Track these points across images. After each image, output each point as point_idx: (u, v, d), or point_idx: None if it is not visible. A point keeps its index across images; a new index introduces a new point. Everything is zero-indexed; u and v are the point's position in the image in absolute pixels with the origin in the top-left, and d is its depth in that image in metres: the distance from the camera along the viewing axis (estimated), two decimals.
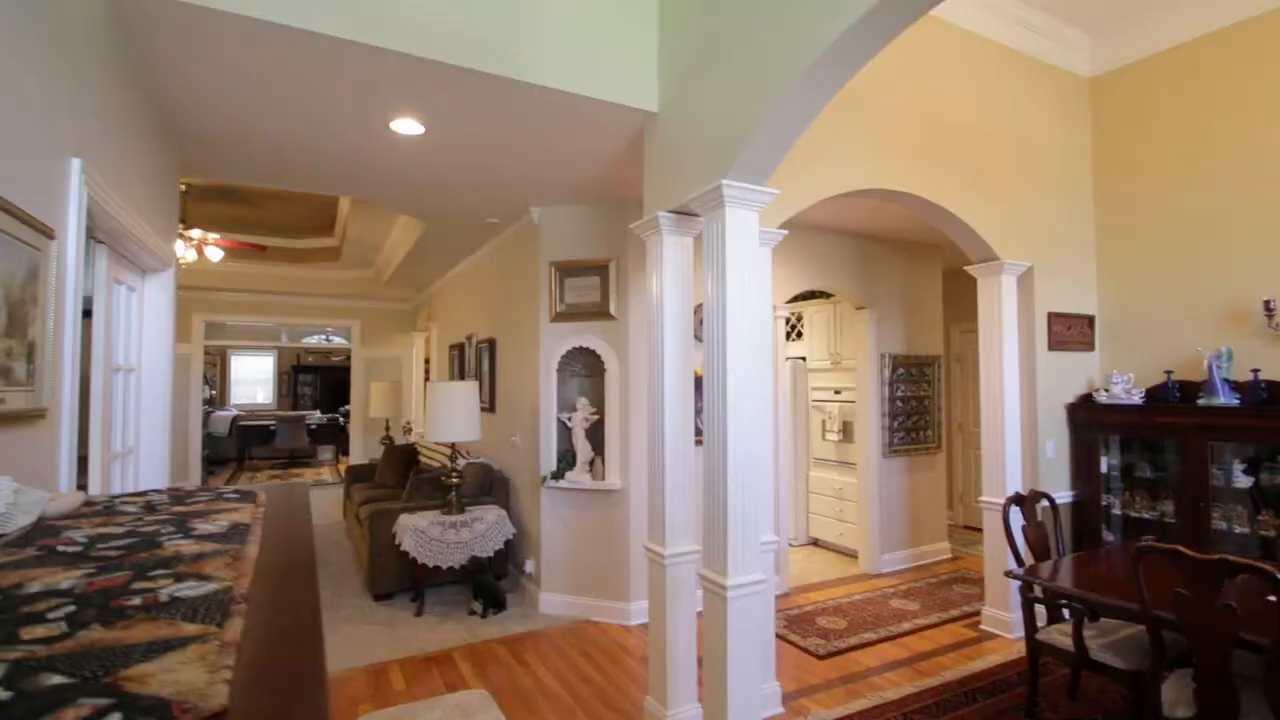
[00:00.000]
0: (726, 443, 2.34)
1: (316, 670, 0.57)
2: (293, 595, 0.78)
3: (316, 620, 0.69)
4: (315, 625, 0.67)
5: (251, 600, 0.70)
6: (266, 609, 0.70)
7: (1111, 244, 4.35)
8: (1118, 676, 2.52)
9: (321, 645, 0.65)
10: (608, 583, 4.20)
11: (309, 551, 0.98)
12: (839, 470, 5.85)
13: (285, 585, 0.82)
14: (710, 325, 2.46)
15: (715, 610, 2.35)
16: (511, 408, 5.17)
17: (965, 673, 3.36)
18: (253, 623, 0.64)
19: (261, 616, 0.66)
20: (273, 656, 0.59)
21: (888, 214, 4.72)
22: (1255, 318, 3.65)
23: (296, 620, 0.70)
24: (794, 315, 6.53)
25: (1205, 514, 3.58)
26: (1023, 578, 2.68)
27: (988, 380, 4.01)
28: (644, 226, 2.90)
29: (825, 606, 4.40)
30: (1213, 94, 3.88)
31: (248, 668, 0.56)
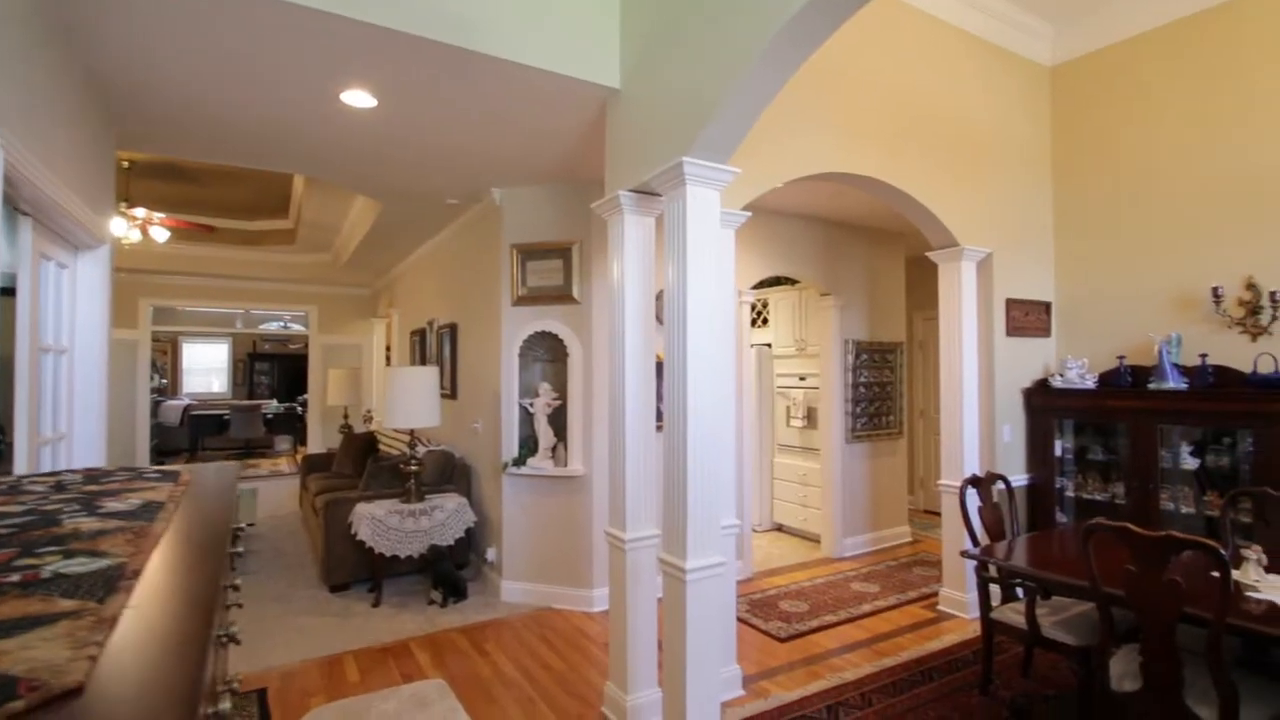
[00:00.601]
0: (686, 426, 2.30)
1: (197, 644, 0.51)
2: (192, 571, 0.71)
3: (212, 594, 0.63)
4: (209, 599, 0.61)
5: (145, 576, 0.63)
6: (161, 585, 0.63)
7: (1069, 232, 4.44)
8: (1068, 653, 2.57)
9: (210, 618, 0.58)
10: (571, 569, 4.16)
11: (223, 528, 0.91)
12: (803, 456, 5.89)
13: (187, 561, 0.75)
14: (671, 307, 2.42)
15: (674, 593, 2.32)
16: (473, 394, 5.07)
17: (923, 652, 3.41)
18: (141, 599, 0.58)
19: (152, 592, 0.59)
20: (155, 631, 0.53)
21: (852, 200, 4.74)
22: (1204, 304, 3.76)
23: (189, 596, 0.63)
24: (759, 302, 6.53)
25: (1154, 495, 3.69)
26: (977, 557, 2.72)
27: (947, 365, 4.06)
28: (605, 206, 2.83)
29: (788, 590, 4.42)
30: (1167, 85, 3.97)
31: (122, 644, 0.50)
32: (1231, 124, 3.70)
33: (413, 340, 7.38)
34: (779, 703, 2.86)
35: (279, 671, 3.29)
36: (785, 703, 2.86)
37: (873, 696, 2.91)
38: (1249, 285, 3.61)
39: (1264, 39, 3.58)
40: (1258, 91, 3.60)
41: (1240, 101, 3.67)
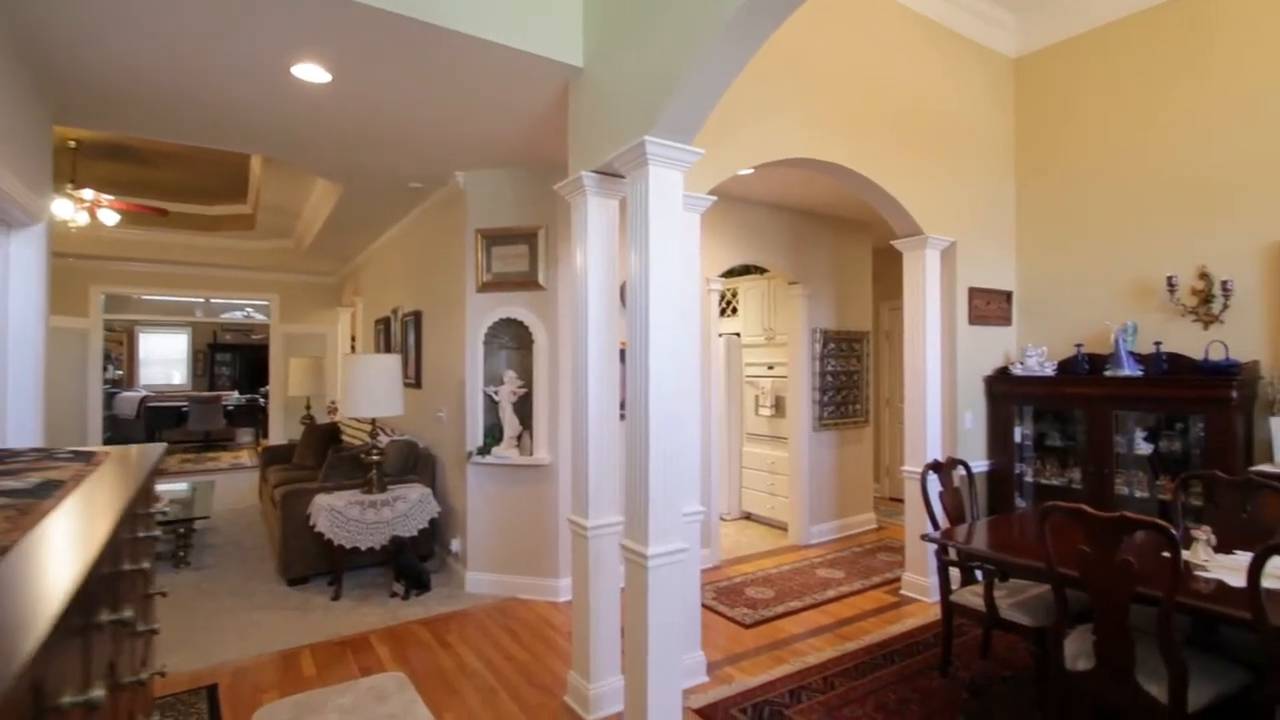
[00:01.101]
0: (648, 412, 2.26)
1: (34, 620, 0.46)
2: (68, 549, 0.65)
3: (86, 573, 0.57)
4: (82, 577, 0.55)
5: (9, 558, 0.57)
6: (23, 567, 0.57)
7: (1030, 222, 4.51)
8: (1025, 634, 2.61)
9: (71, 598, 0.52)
10: (536, 559, 4.11)
11: (123, 507, 0.84)
12: (771, 445, 5.91)
13: (69, 539, 0.68)
14: (633, 290, 2.37)
15: (636, 580, 2.29)
16: (438, 382, 4.97)
17: (885, 636, 3.44)
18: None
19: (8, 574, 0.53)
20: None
21: (820, 188, 4.74)
22: (1159, 293, 3.84)
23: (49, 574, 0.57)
24: (728, 291, 6.53)
25: (1109, 480, 3.77)
26: (937, 540, 2.74)
27: (911, 353, 4.09)
28: (568, 187, 2.77)
29: (754, 577, 4.44)
30: (1125, 78, 4.03)
31: None
32: (1187, 117, 3.78)
33: (377, 329, 7.22)
34: (742, 688, 2.86)
35: (231, 667, 3.19)
36: (748, 688, 2.86)
37: (834, 680, 2.93)
38: (1201, 275, 3.70)
39: (1218, 33, 3.65)
40: (1212, 86, 3.68)
41: (1195, 95, 3.75)
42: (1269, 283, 3.48)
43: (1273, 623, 1.68)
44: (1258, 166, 3.52)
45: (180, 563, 4.81)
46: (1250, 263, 3.54)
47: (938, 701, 2.75)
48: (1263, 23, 3.49)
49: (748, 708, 2.70)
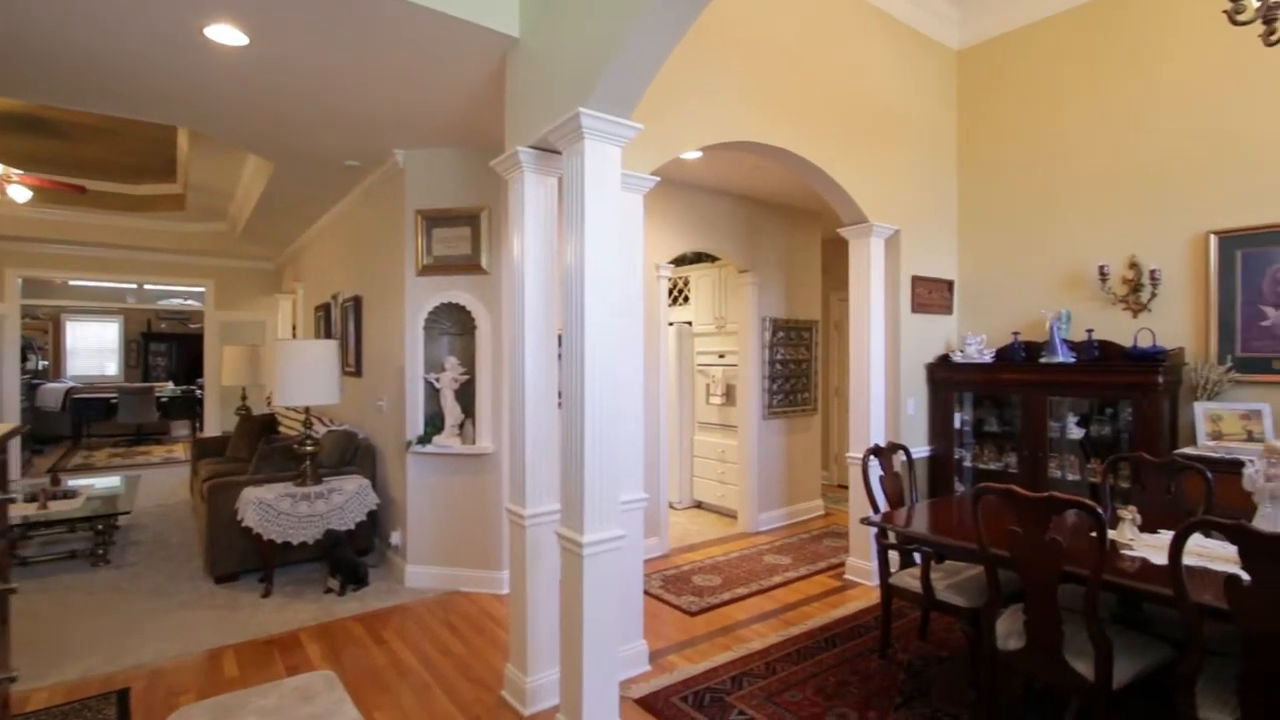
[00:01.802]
0: (584, 398, 2.18)
1: None
2: None
3: None
4: None
5: None
6: None
7: (971, 212, 4.58)
8: (961, 614, 2.64)
9: None
10: (480, 551, 3.99)
11: None
12: (722, 433, 5.91)
13: None
14: (568, 271, 2.28)
15: (572, 569, 2.22)
16: (379, 370, 4.78)
17: (828, 620, 3.46)
18: None
19: None
20: None
21: (769, 176, 4.72)
22: (1092, 283, 3.95)
23: None
24: (680, 279, 6.49)
25: (1043, 463, 3.87)
26: (876, 523, 2.75)
27: (857, 340, 4.12)
28: (505, 164, 2.66)
29: (702, 565, 4.42)
30: (1061, 73, 4.12)
31: None
32: (1121, 111, 3.88)
33: (317, 315, 6.94)
34: (684, 675, 2.83)
35: (147, 670, 3.00)
36: (690, 675, 2.83)
37: (777, 665, 2.92)
38: (1131, 264, 3.82)
39: (1151, 29, 3.75)
40: (1145, 81, 3.78)
41: (1129, 90, 3.85)
42: (1193, 273, 3.61)
43: (1192, 599, 1.71)
44: (1186, 161, 3.64)
45: (99, 561, 4.53)
46: (1177, 253, 3.67)
47: (876, 683, 2.76)
48: (1191, 19, 3.59)
49: (689, 695, 2.67)
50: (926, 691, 2.69)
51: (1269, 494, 1.96)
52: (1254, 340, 3.42)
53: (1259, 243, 3.39)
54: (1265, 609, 1.55)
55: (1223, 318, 3.50)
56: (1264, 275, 3.38)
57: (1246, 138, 3.42)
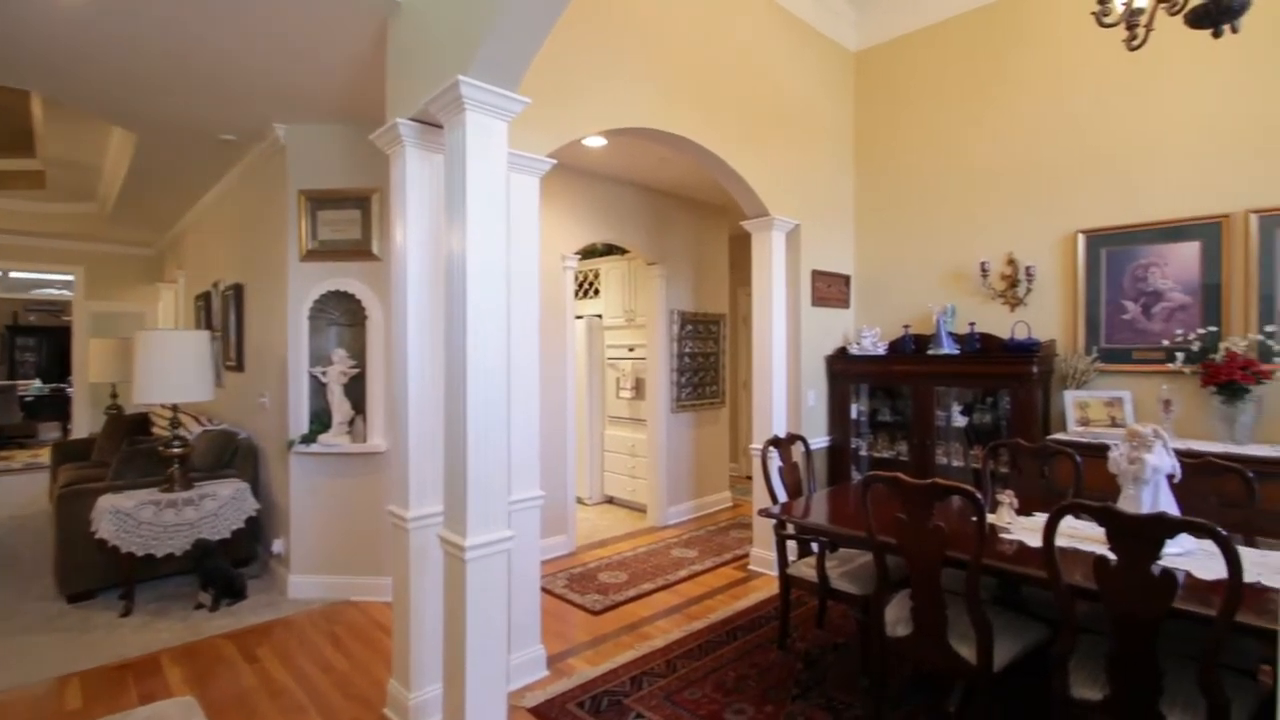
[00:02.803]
0: (466, 390, 2.04)
1: None
2: None
3: None
4: None
5: None
6: None
7: (866, 209, 4.73)
8: (853, 602, 2.69)
9: None
10: (371, 557, 3.75)
11: None
12: (632, 427, 5.86)
13: None
14: (451, 257, 2.12)
15: (455, 574, 2.07)
16: (261, 363, 4.41)
17: (731, 612, 3.47)
18: None
19: None
20: None
21: (676, 168, 4.70)
22: (974, 278, 4.16)
23: None
24: (590, 272, 6.39)
25: (931, 451, 4.04)
26: (774, 515, 2.76)
27: (760, 332, 4.16)
28: (384, 137, 2.46)
29: (609, 562, 4.35)
30: (950, 76, 4.30)
31: None
32: (1001, 117, 4.09)
33: (197, 305, 6.35)
34: (583, 679, 2.74)
35: None
36: (589, 679, 2.74)
37: (677, 662, 2.89)
38: (1009, 261, 4.04)
39: (1029, 41, 3.97)
40: (1023, 89, 4.00)
41: (1008, 97, 4.06)
42: (1064, 270, 3.86)
43: (1064, 581, 1.78)
44: (1057, 164, 3.88)
45: None
46: (1049, 251, 3.91)
47: (774, 675, 2.78)
48: (1062, 34, 3.83)
49: (586, 700, 2.58)
50: (822, 681, 2.73)
51: (1131, 476, 2.08)
52: (1117, 333, 3.69)
53: (1121, 242, 3.66)
54: (1130, 588, 1.63)
55: (1089, 312, 3.77)
56: (1125, 272, 3.66)
57: (1110, 145, 3.68)
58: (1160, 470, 2.05)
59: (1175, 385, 3.41)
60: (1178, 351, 3.41)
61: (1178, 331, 3.45)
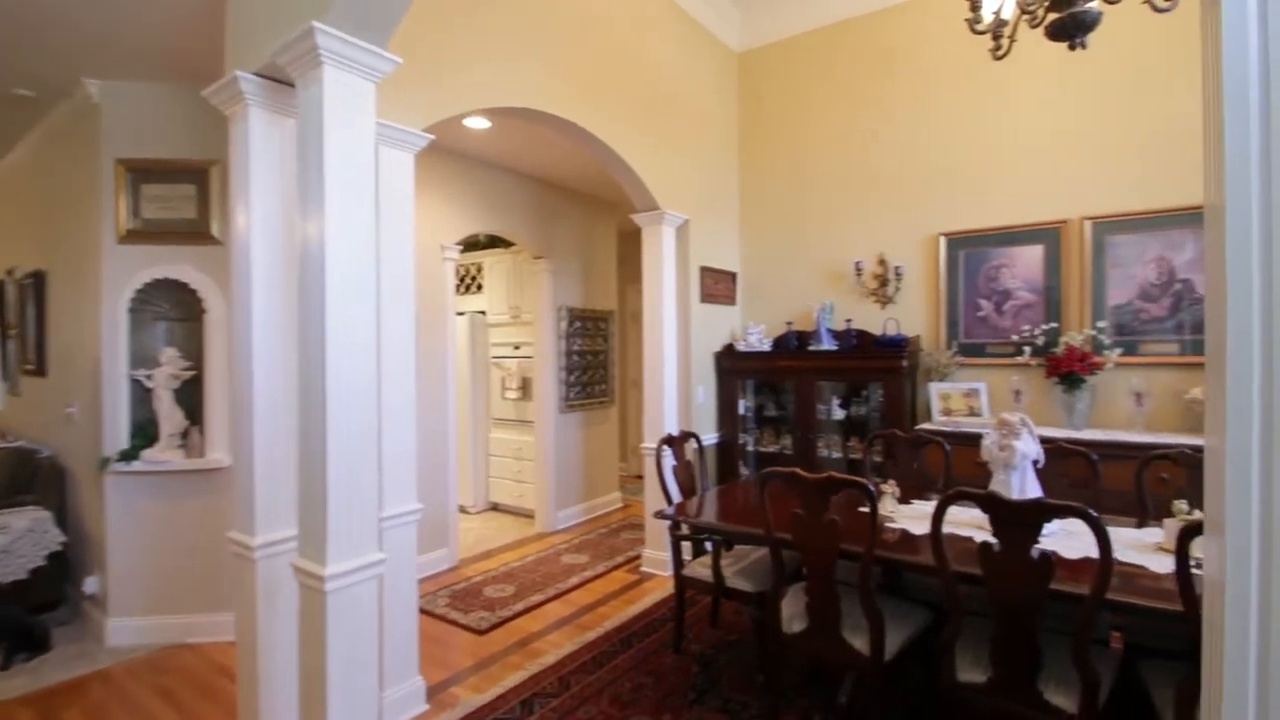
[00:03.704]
0: (326, 396, 1.76)
1: None
2: None
3: None
4: None
5: None
6: None
7: (751, 207, 4.82)
8: (748, 599, 2.67)
9: None
10: (212, 590, 3.24)
11: None
12: (518, 429, 5.61)
13: None
14: (306, 242, 1.83)
15: (313, 608, 1.78)
16: (69, 367, 3.70)
17: (625, 618, 3.36)
18: None
19: None
20: None
21: (564, 158, 4.52)
22: (850, 277, 4.34)
23: None
24: (472, 265, 6.04)
25: (813, 444, 4.17)
26: (669, 516, 2.68)
27: (651, 328, 4.09)
28: (222, 94, 2.09)
29: (495, 574, 4.09)
30: (826, 82, 4.46)
31: None
32: (874, 123, 4.29)
33: None
34: (467, 710, 2.50)
35: None
36: (475, 708, 2.51)
37: (571, 679, 2.72)
38: (880, 261, 4.26)
39: (899, 52, 4.19)
40: (893, 97, 4.22)
41: (879, 104, 4.27)
42: (928, 270, 4.11)
43: (951, 569, 1.82)
44: (921, 170, 4.12)
45: None
46: (915, 252, 4.15)
47: (670, 681, 2.70)
48: (930, 45, 4.08)
49: None
50: (718, 682, 2.68)
51: (1002, 462, 2.20)
52: (973, 328, 3.98)
53: (976, 244, 3.96)
54: (1012, 572, 1.68)
55: (950, 309, 4.04)
56: (980, 273, 3.96)
57: (967, 153, 3.97)
58: (1028, 456, 2.18)
59: (1024, 377, 3.73)
60: (1025, 346, 3.73)
61: (1025, 327, 3.78)
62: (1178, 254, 3.42)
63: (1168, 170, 3.40)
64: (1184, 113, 3.34)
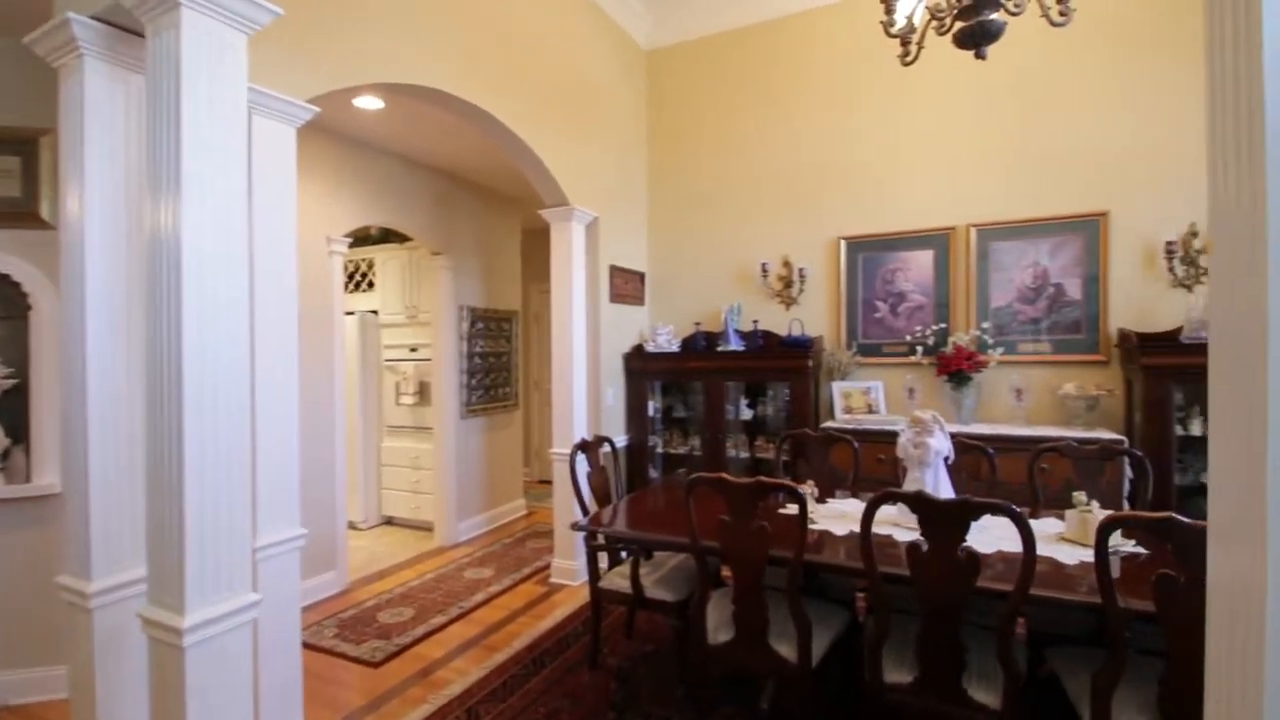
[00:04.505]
0: (183, 406, 1.47)
1: None
2: None
3: None
4: None
5: None
6: None
7: (659, 206, 4.76)
8: (668, 609, 2.57)
9: None
10: (41, 640, 2.72)
11: None
12: (415, 437, 5.24)
13: None
14: (158, 225, 1.52)
15: (168, 667, 1.48)
16: None
17: (536, 634, 3.17)
18: None
19: None
20: None
21: (467, 149, 4.25)
22: (756, 278, 4.38)
23: None
24: (363, 261, 5.59)
25: (722, 445, 4.17)
26: (586, 528, 2.53)
27: (559, 329, 3.92)
28: (50, 41, 1.72)
29: (391, 596, 3.76)
30: (732, 85, 4.48)
31: None
32: (778, 127, 4.36)
33: None
34: None
35: None
36: None
37: (480, 709, 2.51)
38: (785, 263, 4.33)
39: (802, 59, 4.28)
40: (796, 102, 4.30)
41: (783, 109, 4.34)
42: (829, 272, 4.22)
43: (879, 571, 1.81)
44: (824, 174, 4.23)
45: None
46: (818, 255, 4.26)
47: (588, 701, 2.55)
48: (834, 51, 4.19)
49: None
50: (638, 697, 2.57)
51: (917, 459, 2.24)
52: (871, 329, 4.13)
53: (873, 248, 4.11)
54: (940, 571, 1.69)
55: (850, 310, 4.17)
56: (877, 275, 4.11)
57: (865, 158, 4.11)
58: (941, 453, 2.23)
59: (917, 375, 3.90)
60: (918, 345, 3.91)
61: (917, 328, 3.96)
62: (1051, 259, 3.70)
63: (1045, 182, 3.68)
64: (1062, 130, 3.63)
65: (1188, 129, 3.38)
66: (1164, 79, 3.42)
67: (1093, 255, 3.60)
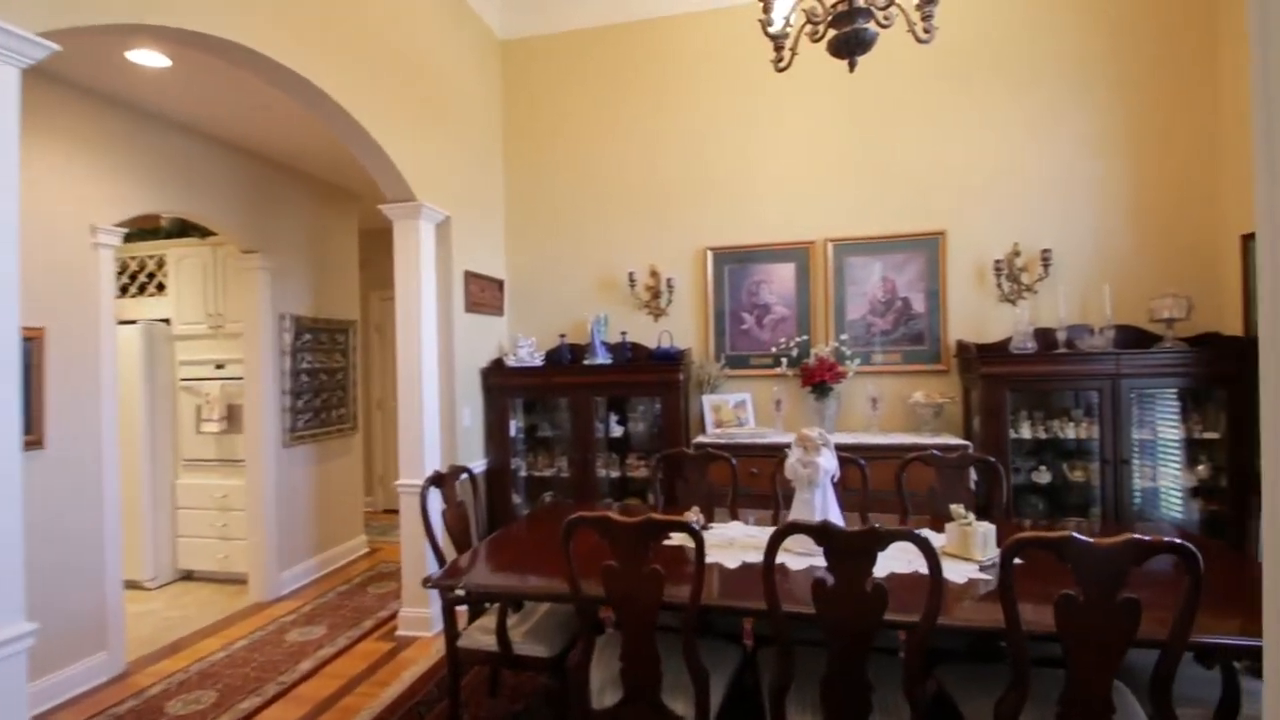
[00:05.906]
0: None
1: None
2: None
3: None
4: None
5: None
6: None
7: (517, 209, 4.41)
8: (541, 666, 2.24)
9: None
10: None
11: None
12: (223, 472, 4.39)
13: None
14: None
15: None
16: None
17: (380, 707, 2.66)
18: None
19: None
20: None
21: (291, 130, 3.63)
22: (624, 287, 4.18)
23: None
24: (150, 258, 4.61)
25: (593, 465, 3.90)
26: (442, 584, 2.10)
27: (406, 341, 3.43)
28: None
29: (187, 677, 3.02)
30: (597, 85, 4.27)
31: None
32: (644, 133, 4.21)
33: None
34: None
35: None
36: None
37: None
38: (653, 273, 4.18)
39: (668, 65, 4.16)
40: (663, 110, 4.17)
41: (649, 115, 4.20)
42: (697, 282, 4.14)
43: (783, 609, 1.62)
44: (690, 184, 4.14)
45: None
46: (686, 265, 4.15)
47: None
48: (696, 60, 4.11)
49: None
50: None
51: (806, 479, 2.11)
52: (738, 340, 4.09)
53: (739, 260, 4.08)
54: (847, 605, 1.54)
55: (718, 322, 4.11)
56: (743, 287, 4.09)
57: (730, 170, 4.08)
58: (829, 471, 2.13)
59: (783, 386, 3.91)
60: (782, 357, 3.93)
61: (781, 340, 3.98)
62: (899, 274, 3.88)
63: (894, 200, 3.85)
64: (908, 151, 3.82)
65: (1016, 155, 3.70)
66: (996, 108, 3.72)
67: (933, 271, 3.82)
